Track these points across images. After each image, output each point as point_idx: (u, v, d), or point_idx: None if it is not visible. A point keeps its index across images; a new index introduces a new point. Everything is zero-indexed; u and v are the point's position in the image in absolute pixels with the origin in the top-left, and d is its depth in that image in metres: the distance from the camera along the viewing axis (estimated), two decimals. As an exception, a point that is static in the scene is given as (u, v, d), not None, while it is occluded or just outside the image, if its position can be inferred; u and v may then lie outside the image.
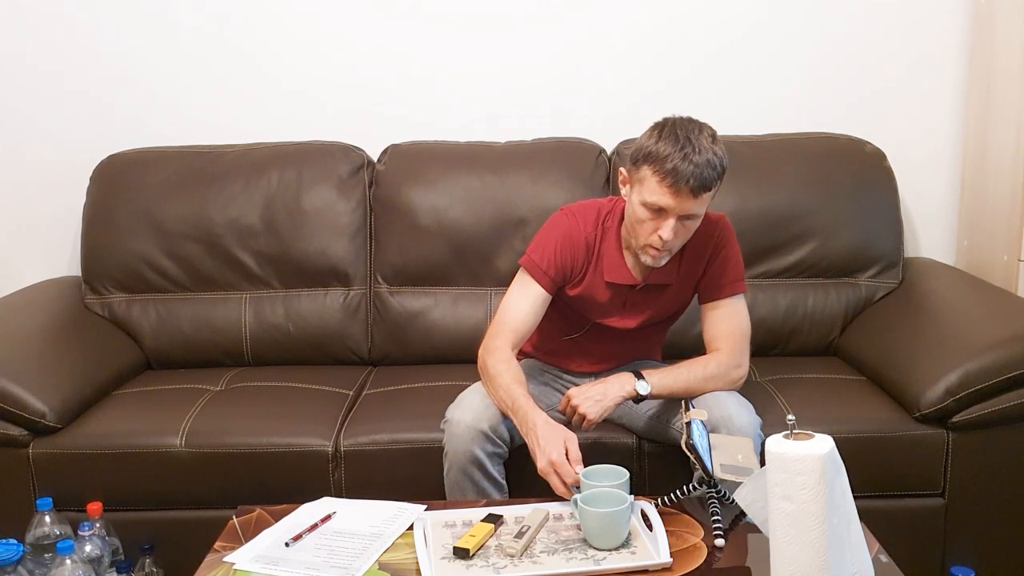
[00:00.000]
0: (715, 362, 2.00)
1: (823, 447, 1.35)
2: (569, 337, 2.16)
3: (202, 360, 2.58)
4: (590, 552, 1.62)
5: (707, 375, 1.99)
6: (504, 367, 1.93)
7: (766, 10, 2.75)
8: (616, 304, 2.08)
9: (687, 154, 1.83)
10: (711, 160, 1.85)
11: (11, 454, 2.13)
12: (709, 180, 1.85)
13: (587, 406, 1.93)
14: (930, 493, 2.12)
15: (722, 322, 2.04)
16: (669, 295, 2.09)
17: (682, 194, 1.85)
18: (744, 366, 2.03)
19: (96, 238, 2.63)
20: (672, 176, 1.83)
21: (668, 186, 1.84)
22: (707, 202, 1.90)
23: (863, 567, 1.43)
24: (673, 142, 1.85)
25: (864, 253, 2.57)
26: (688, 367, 2.00)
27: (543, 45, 2.77)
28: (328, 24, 2.76)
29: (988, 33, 2.64)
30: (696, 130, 1.88)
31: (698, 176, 1.83)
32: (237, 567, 1.61)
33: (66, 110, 2.79)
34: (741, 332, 2.04)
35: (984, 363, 2.07)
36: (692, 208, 1.88)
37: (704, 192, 1.86)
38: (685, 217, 1.89)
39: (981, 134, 2.68)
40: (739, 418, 1.91)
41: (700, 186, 1.84)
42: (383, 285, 2.62)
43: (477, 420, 1.91)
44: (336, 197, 2.61)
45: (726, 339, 2.02)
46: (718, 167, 1.86)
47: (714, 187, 1.88)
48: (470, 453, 1.91)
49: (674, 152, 1.83)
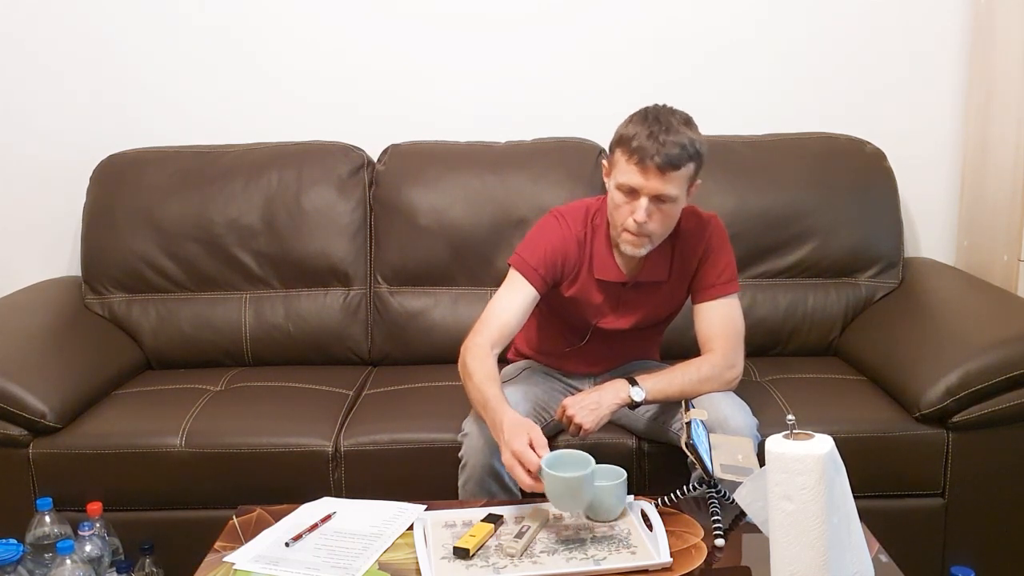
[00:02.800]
0: (709, 363, 1.99)
1: (823, 447, 1.35)
2: (572, 347, 2.15)
3: (202, 360, 2.58)
4: (590, 552, 1.62)
5: (702, 377, 1.98)
6: (479, 364, 1.91)
7: (766, 10, 2.75)
8: (609, 304, 2.07)
9: (653, 132, 1.85)
10: (679, 140, 1.85)
11: (11, 454, 2.13)
12: (676, 158, 1.85)
13: (583, 416, 1.92)
14: (930, 493, 2.13)
15: (715, 322, 2.03)
16: (663, 294, 2.08)
17: (649, 172, 1.85)
18: (738, 366, 2.02)
19: (96, 238, 2.63)
20: (639, 153, 1.85)
21: (635, 164, 1.86)
22: (680, 184, 1.88)
23: (863, 567, 1.43)
24: (642, 123, 1.87)
25: (864, 253, 2.57)
26: (682, 370, 2.00)
27: (543, 45, 2.77)
28: (328, 24, 2.76)
29: (988, 33, 2.64)
30: (668, 113, 1.90)
31: (663, 153, 1.84)
32: (237, 567, 1.61)
33: (66, 110, 2.79)
34: (735, 332, 2.03)
35: (984, 363, 2.07)
36: (662, 188, 1.87)
37: (672, 170, 1.85)
38: (658, 199, 1.88)
39: (981, 134, 2.68)
40: (735, 419, 1.91)
41: (666, 163, 1.84)
42: (383, 285, 2.62)
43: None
44: (336, 197, 2.61)
45: (720, 339, 2.01)
46: (688, 148, 1.86)
47: (684, 166, 1.87)
48: (489, 466, 1.90)
49: (641, 131, 1.86)
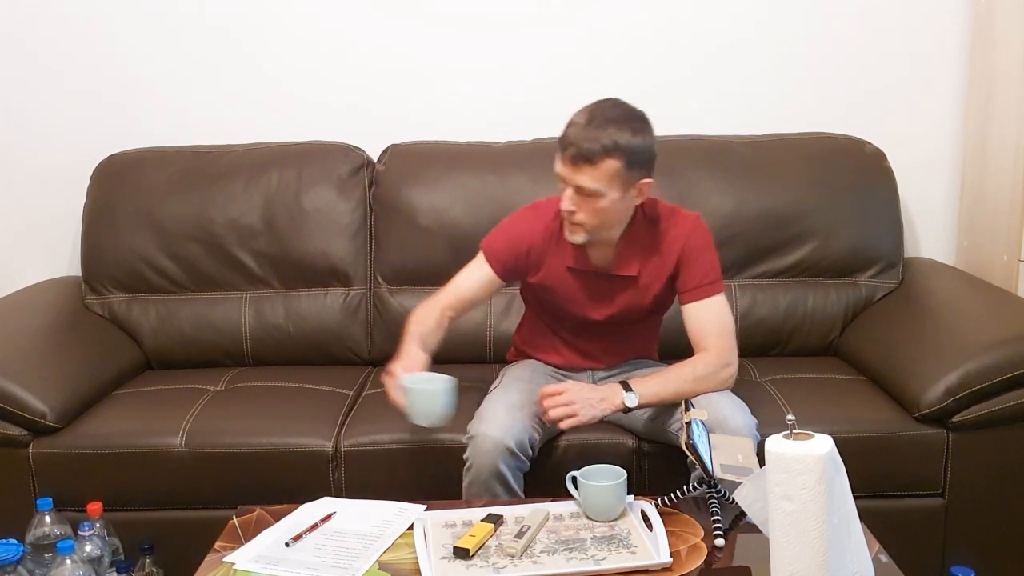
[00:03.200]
0: (703, 363, 2.00)
1: (823, 447, 1.35)
2: (558, 335, 2.18)
3: (202, 360, 2.58)
4: (590, 552, 1.62)
5: (696, 377, 1.98)
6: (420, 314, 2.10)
7: (766, 10, 2.75)
8: (583, 293, 2.09)
9: (579, 124, 1.88)
10: (598, 136, 1.85)
11: (11, 454, 2.13)
12: (588, 152, 1.85)
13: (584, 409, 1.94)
14: (930, 493, 2.13)
15: (706, 322, 2.03)
16: (638, 289, 2.08)
17: (565, 161, 1.89)
18: (733, 364, 2.02)
19: (96, 238, 2.63)
20: (562, 143, 1.89)
21: (559, 152, 1.90)
22: (599, 179, 1.88)
23: (863, 567, 1.43)
24: (580, 115, 1.90)
25: (864, 253, 2.57)
26: (676, 371, 2.00)
27: (543, 45, 2.77)
28: (328, 24, 2.76)
29: (988, 33, 2.64)
30: (608, 108, 1.91)
31: (578, 146, 1.86)
32: (237, 567, 1.61)
33: (66, 110, 2.79)
34: (726, 330, 2.03)
35: (984, 363, 2.07)
36: (577, 179, 1.89)
37: (584, 164, 1.87)
38: (580, 191, 1.90)
39: (981, 134, 2.68)
40: (734, 419, 1.91)
41: (577, 155, 1.86)
42: (383, 285, 2.62)
43: (504, 436, 1.90)
44: (336, 197, 2.61)
45: (713, 338, 2.01)
46: (608, 145, 1.86)
47: (599, 162, 1.86)
48: (495, 469, 1.90)
49: (572, 121, 1.89)
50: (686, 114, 2.77)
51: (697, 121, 2.74)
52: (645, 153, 1.93)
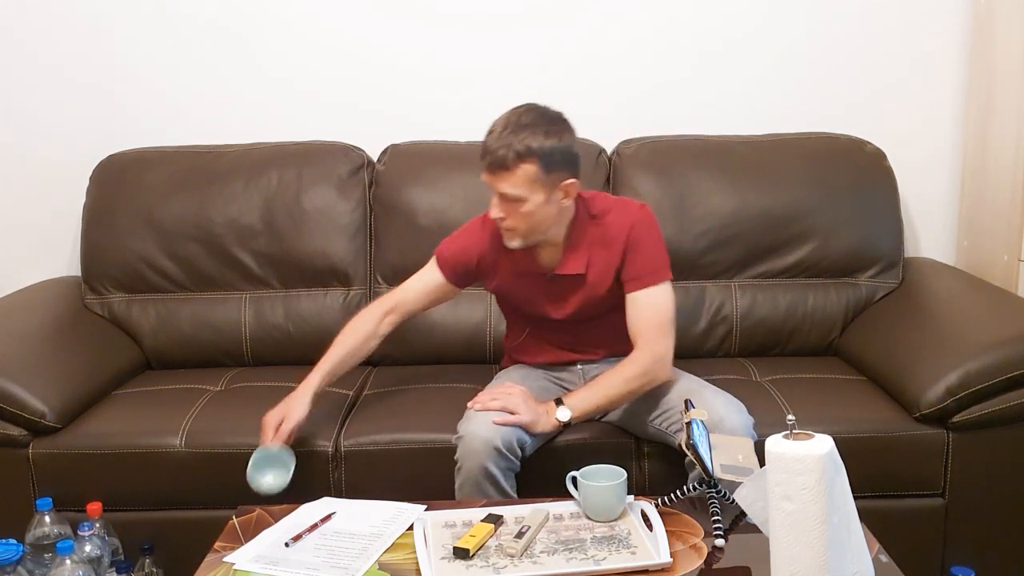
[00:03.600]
0: (632, 363, 2.00)
1: (823, 447, 1.35)
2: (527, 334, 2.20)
3: (202, 360, 2.58)
4: (590, 552, 1.62)
5: (626, 379, 2.00)
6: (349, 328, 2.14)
7: (766, 10, 2.75)
8: (539, 295, 2.11)
9: (495, 132, 1.91)
10: (510, 142, 1.88)
11: (11, 454, 2.13)
12: (503, 159, 1.88)
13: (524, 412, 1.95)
14: (930, 493, 2.12)
15: (640, 315, 2.03)
16: (589, 286, 2.07)
17: (485, 170, 1.93)
18: (666, 358, 2.02)
19: (96, 238, 2.63)
20: (481, 154, 1.93)
21: (481, 162, 1.94)
22: (519, 184, 1.90)
23: (863, 567, 1.43)
24: (496, 122, 1.93)
25: (864, 253, 2.57)
26: (607, 377, 2.02)
27: (543, 45, 2.77)
28: (328, 24, 2.76)
29: (988, 33, 2.64)
30: (522, 113, 1.92)
31: (493, 153, 1.89)
32: (237, 567, 1.61)
33: (66, 110, 2.79)
34: (659, 323, 2.02)
35: (984, 363, 2.07)
36: (498, 186, 1.92)
37: (501, 171, 1.90)
38: (504, 198, 1.93)
39: (981, 134, 2.68)
40: (730, 419, 1.92)
41: (494, 163, 1.90)
42: (383, 285, 2.62)
43: (492, 436, 1.90)
44: (336, 197, 2.61)
45: (644, 333, 2.01)
46: (521, 151, 1.88)
47: (515, 168, 1.89)
48: (484, 469, 1.90)
49: (491, 129, 1.92)
50: (686, 114, 2.77)
51: (697, 121, 2.74)
52: (562, 155, 1.92)
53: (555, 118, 1.95)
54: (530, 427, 1.96)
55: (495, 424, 1.91)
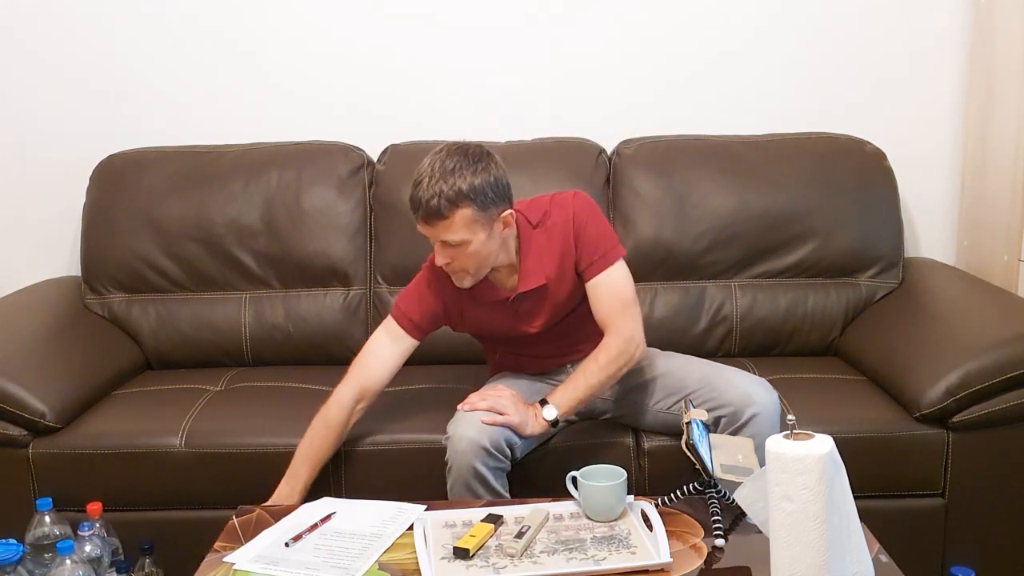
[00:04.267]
0: (604, 349, 2.00)
1: (823, 447, 1.35)
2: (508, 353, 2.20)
3: (202, 360, 2.58)
4: (590, 552, 1.62)
5: (601, 365, 1.99)
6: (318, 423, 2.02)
7: (766, 11, 2.75)
8: (509, 317, 2.08)
9: (419, 185, 1.88)
10: (443, 189, 1.86)
11: (11, 454, 2.13)
12: (437, 209, 1.86)
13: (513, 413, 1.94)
14: (930, 493, 2.12)
15: (603, 300, 2.03)
16: (554, 291, 2.07)
17: (421, 223, 1.91)
18: (636, 337, 2.02)
19: (96, 238, 2.63)
20: (413, 207, 1.90)
21: (414, 215, 1.92)
22: (459, 227, 1.88)
23: (863, 567, 1.43)
24: (419, 174, 1.90)
25: (864, 253, 2.57)
26: (583, 368, 2.01)
27: (544, 45, 2.77)
28: (328, 24, 2.76)
29: (988, 33, 2.64)
30: (446, 159, 1.89)
31: (426, 205, 1.87)
32: (237, 567, 1.61)
33: (66, 110, 2.79)
34: (622, 303, 2.02)
35: (984, 363, 2.07)
36: (439, 235, 1.90)
37: (437, 220, 1.88)
38: (447, 245, 1.92)
39: (981, 134, 2.68)
40: (758, 395, 1.94)
41: (430, 214, 1.88)
42: (383, 285, 2.62)
43: (479, 436, 1.90)
44: (336, 197, 2.61)
45: (610, 317, 2.02)
46: (449, 196, 1.86)
47: (450, 214, 1.87)
48: (472, 468, 1.90)
49: (416, 182, 1.89)
50: (686, 114, 2.77)
51: (697, 121, 2.74)
52: (493, 189, 1.91)
53: (477, 154, 1.92)
54: (519, 429, 1.96)
55: (483, 423, 1.91)
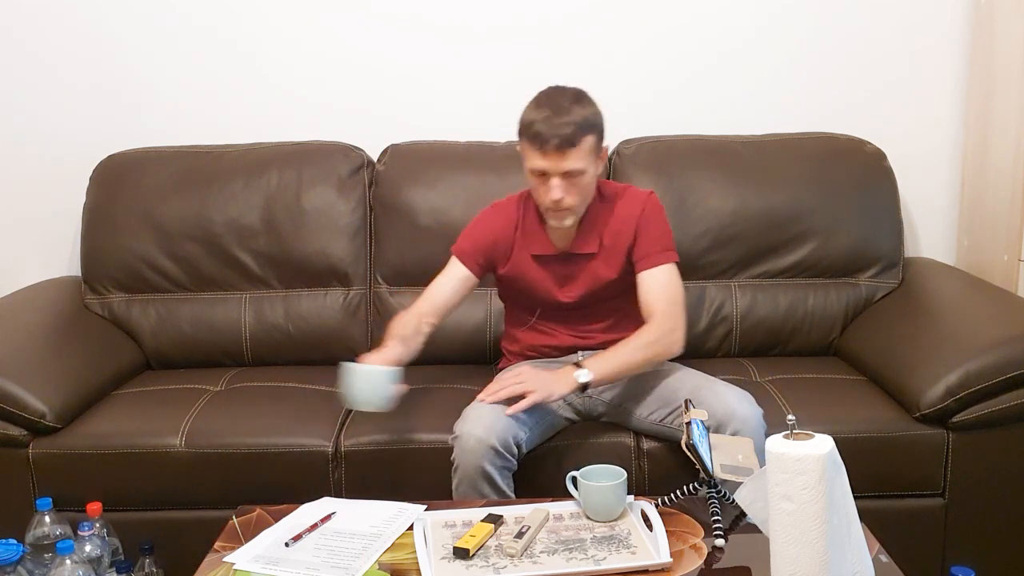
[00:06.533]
0: (647, 331, 2.05)
1: (823, 447, 1.35)
2: (528, 325, 2.23)
3: (202, 360, 2.58)
4: (590, 552, 1.62)
5: (642, 343, 2.04)
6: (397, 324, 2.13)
7: (766, 12, 2.75)
8: (549, 278, 2.16)
9: (547, 117, 1.98)
10: (571, 119, 1.98)
11: (11, 454, 2.13)
12: (571, 136, 1.97)
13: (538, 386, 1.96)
14: (930, 493, 2.13)
15: (655, 289, 2.09)
16: (598, 265, 2.14)
17: (549, 154, 1.98)
18: (679, 330, 2.07)
19: (96, 238, 2.63)
20: (539, 139, 1.98)
21: (538, 149, 1.99)
22: (583, 157, 1.99)
23: (863, 567, 1.43)
24: (536, 110, 2.01)
25: (864, 253, 2.57)
26: (624, 343, 2.06)
27: (543, 46, 2.77)
28: (328, 24, 2.76)
29: (988, 33, 2.64)
30: (558, 94, 2.03)
31: (558, 135, 1.96)
32: (237, 567, 1.61)
33: (66, 110, 2.79)
34: (674, 298, 2.09)
35: (984, 363, 2.07)
36: (566, 165, 1.98)
37: (569, 148, 1.97)
38: (568, 175, 2.00)
39: (981, 134, 2.68)
40: (741, 410, 1.94)
41: (564, 143, 1.97)
42: (383, 285, 2.62)
43: (487, 435, 1.91)
44: (336, 197, 2.61)
45: (659, 304, 2.08)
46: (581, 124, 1.98)
47: (580, 142, 1.98)
48: (480, 468, 1.90)
49: (537, 118, 1.99)
50: (686, 114, 2.77)
51: (697, 121, 2.74)
52: (603, 122, 2.06)
53: (582, 92, 2.05)
54: (546, 399, 1.97)
55: (505, 417, 1.92)
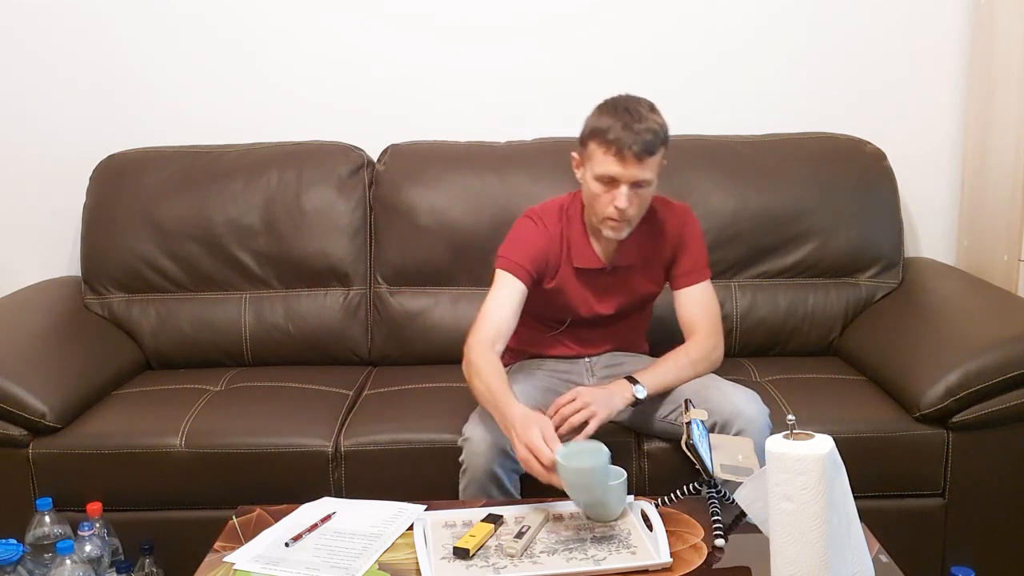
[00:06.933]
0: (695, 346, 2.09)
1: (823, 447, 1.35)
2: (552, 334, 2.22)
3: (202, 360, 2.58)
4: (590, 552, 1.62)
5: (692, 360, 2.07)
6: (484, 361, 1.94)
7: (766, 12, 2.75)
8: (590, 291, 2.14)
9: (627, 123, 1.94)
10: (651, 127, 1.95)
11: (11, 454, 2.13)
12: (651, 144, 1.94)
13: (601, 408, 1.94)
14: (930, 493, 2.13)
15: (696, 307, 2.13)
16: (637, 277, 2.16)
17: (627, 161, 1.94)
18: (720, 347, 2.12)
19: (96, 238, 2.63)
20: (616, 145, 1.94)
21: (614, 155, 1.94)
22: (655, 168, 1.98)
23: (863, 567, 1.43)
24: (613, 115, 1.96)
25: (864, 253, 2.57)
26: (674, 359, 2.08)
27: (543, 46, 2.77)
28: (328, 24, 2.76)
29: (988, 33, 2.64)
30: (634, 102, 1.99)
31: (639, 141, 1.93)
32: (237, 567, 1.61)
33: (66, 110, 2.79)
34: (714, 315, 2.14)
35: (984, 363, 2.07)
36: (640, 174, 1.96)
37: (648, 156, 1.95)
38: (636, 184, 1.97)
39: (981, 134, 2.68)
40: (748, 409, 1.94)
41: (643, 151, 1.94)
42: (383, 285, 2.62)
43: (498, 438, 1.90)
44: (336, 197, 2.61)
45: (703, 321, 2.12)
46: (660, 133, 1.96)
47: (658, 152, 1.97)
48: (490, 471, 1.91)
49: (615, 123, 1.94)
50: (686, 114, 2.76)
51: (697, 121, 2.73)
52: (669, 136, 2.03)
53: (653, 103, 2.02)
54: (608, 418, 1.96)
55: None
